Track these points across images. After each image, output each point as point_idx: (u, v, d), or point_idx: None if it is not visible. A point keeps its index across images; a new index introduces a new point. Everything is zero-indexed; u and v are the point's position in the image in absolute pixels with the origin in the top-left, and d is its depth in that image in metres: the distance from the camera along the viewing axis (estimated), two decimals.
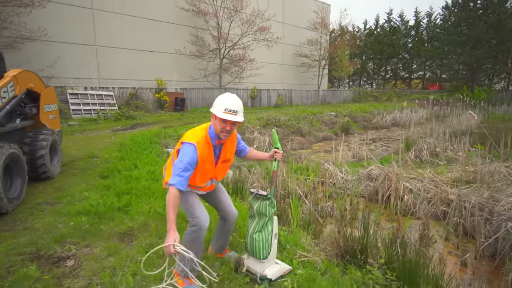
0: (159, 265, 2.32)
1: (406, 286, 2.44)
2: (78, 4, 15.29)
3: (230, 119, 2.05)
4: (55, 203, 3.79)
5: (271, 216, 2.29)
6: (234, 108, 2.07)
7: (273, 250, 2.30)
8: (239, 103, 2.14)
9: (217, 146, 2.24)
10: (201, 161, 2.10)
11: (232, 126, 2.11)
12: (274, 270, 2.29)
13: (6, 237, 2.91)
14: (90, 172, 5.15)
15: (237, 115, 2.09)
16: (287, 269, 2.38)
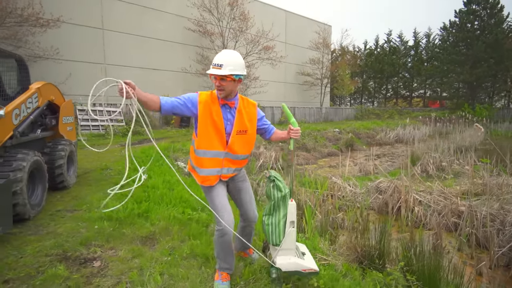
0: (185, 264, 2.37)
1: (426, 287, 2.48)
2: (90, 25, 15.87)
3: (213, 72, 1.97)
4: (75, 210, 3.87)
5: (277, 200, 2.17)
6: (218, 62, 1.97)
7: (288, 239, 2.12)
8: (227, 56, 2.01)
9: (227, 108, 2.13)
10: (203, 108, 2.04)
11: (221, 82, 2.00)
12: (287, 261, 2.10)
13: (32, 241, 2.98)
14: (105, 182, 5.24)
15: (221, 68, 1.96)
16: (307, 267, 2.10)
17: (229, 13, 19.12)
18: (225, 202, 2.16)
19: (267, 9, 25.00)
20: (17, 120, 3.78)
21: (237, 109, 2.15)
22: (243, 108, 2.18)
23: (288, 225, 2.14)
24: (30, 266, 2.52)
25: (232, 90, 2.07)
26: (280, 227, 2.15)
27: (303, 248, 2.35)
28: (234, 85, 2.05)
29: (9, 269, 2.47)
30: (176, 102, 2.07)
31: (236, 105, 2.16)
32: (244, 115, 2.17)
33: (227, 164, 2.17)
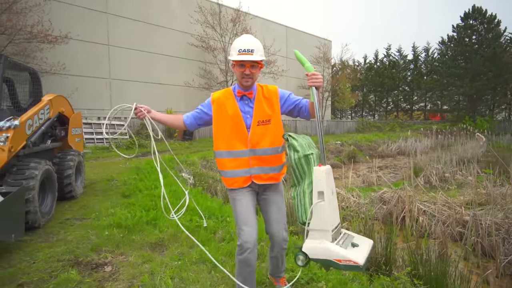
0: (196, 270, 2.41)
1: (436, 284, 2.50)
2: (96, 41, 16.29)
3: (246, 58, 1.78)
4: (83, 218, 3.93)
5: (295, 164, 1.74)
6: (249, 47, 1.80)
7: (316, 216, 1.62)
8: (255, 41, 1.86)
9: (245, 100, 1.93)
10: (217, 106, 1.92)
11: (252, 70, 1.84)
12: (316, 246, 1.59)
13: (43, 247, 3.03)
14: (111, 192, 5.31)
15: (253, 54, 1.80)
16: (344, 257, 1.51)
17: (231, 29, 19.60)
18: (249, 215, 1.88)
19: (269, 25, 25.59)
20: (30, 130, 3.89)
21: (255, 99, 1.92)
22: (262, 96, 1.94)
23: (315, 197, 1.63)
24: (42, 271, 2.57)
25: (256, 78, 1.93)
26: (305, 200, 1.68)
27: (360, 240, 1.71)
28: (259, 70, 1.92)
29: (23, 273, 2.52)
30: (195, 113, 2.04)
31: (254, 95, 1.94)
32: (264, 103, 1.93)
33: (256, 163, 1.89)
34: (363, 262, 1.48)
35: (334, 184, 1.77)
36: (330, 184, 1.70)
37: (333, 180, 1.75)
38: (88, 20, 15.93)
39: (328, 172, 1.67)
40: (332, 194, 1.71)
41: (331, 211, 1.65)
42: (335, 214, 1.70)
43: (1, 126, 3.38)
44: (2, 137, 3.32)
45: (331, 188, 1.70)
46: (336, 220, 1.69)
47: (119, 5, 17.26)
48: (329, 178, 1.68)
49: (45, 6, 12.36)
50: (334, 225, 1.65)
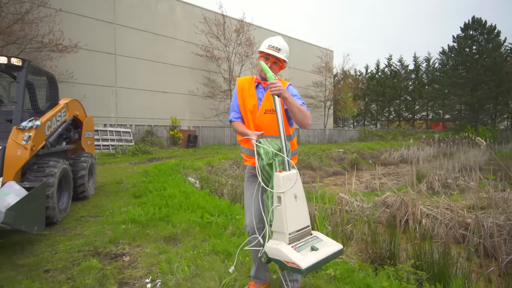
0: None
1: (437, 282, 2.61)
2: (103, 50, 16.70)
3: (272, 53, 2.00)
4: (98, 216, 4.08)
5: (261, 169, 1.86)
6: (277, 46, 2.03)
7: (276, 219, 1.74)
8: (283, 42, 2.08)
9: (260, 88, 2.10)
10: (240, 91, 2.09)
11: (274, 66, 2.04)
12: (273, 247, 1.71)
13: (62, 240, 3.18)
14: (122, 193, 5.46)
15: (280, 52, 2.02)
16: (290, 260, 1.61)
17: (235, 39, 20.01)
18: (251, 203, 2.03)
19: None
20: (49, 131, 4.09)
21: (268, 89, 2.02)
22: None
23: (274, 201, 1.75)
24: (65, 260, 2.72)
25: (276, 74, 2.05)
26: (268, 202, 1.83)
27: (325, 245, 1.79)
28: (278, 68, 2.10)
29: (47, 262, 2.67)
30: (233, 113, 2.16)
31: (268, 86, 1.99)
32: None
33: None
34: (306, 267, 1.57)
35: (301, 189, 1.82)
36: (293, 189, 1.75)
37: (299, 185, 1.80)
38: (96, 30, 16.37)
39: (289, 178, 1.74)
40: (296, 199, 1.77)
41: (292, 215, 1.73)
42: (298, 218, 1.77)
43: (24, 126, 3.57)
44: (25, 136, 3.51)
45: (294, 193, 1.76)
46: (299, 224, 1.77)
47: (126, 16, 17.74)
48: (290, 183, 1.74)
49: (56, 16, 12.77)
50: (296, 228, 1.74)
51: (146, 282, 2.33)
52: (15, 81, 3.92)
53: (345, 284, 2.33)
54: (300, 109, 1.89)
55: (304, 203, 1.84)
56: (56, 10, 13.00)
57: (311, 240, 1.78)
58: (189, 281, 2.32)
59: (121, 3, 17.64)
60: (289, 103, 1.86)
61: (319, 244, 1.76)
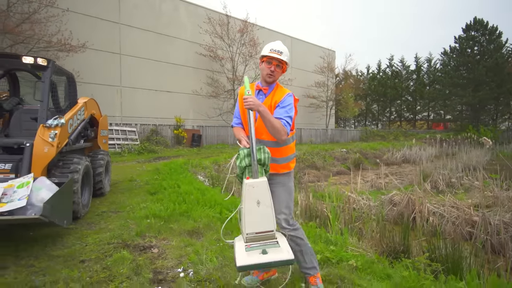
0: None
1: (451, 274, 2.74)
2: (108, 50, 16.82)
3: (275, 56, 2.12)
4: (118, 211, 4.21)
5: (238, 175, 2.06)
6: (279, 49, 2.17)
7: (240, 218, 1.95)
8: (284, 47, 2.21)
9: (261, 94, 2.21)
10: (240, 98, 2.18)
11: (276, 68, 2.15)
12: (234, 241, 1.98)
13: (89, 234, 3.32)
14: (137, 190, 5.59)
15: (282, 55, 2.15)
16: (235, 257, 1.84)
17: (239, 39, 20.14)
18: None
19: (274, 35, 26.15)
20: (71, 129, 4.22)
21: (268, 95, 2.20)
22: (274, 94, 2.19)
23: (240, 204, 1.95)
24: (97, 251, 2.85)
25: (278, 77, 2.22)
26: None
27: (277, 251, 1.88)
28: (280, 72, 2.20)
29: (80, 253, 2.80)
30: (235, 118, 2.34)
31: (269, 92, 2.21)
32: (271, 100, 2.17)
33: None
34: (239, 265, 1.77)
35: (267, 196, 1.93)
36: (256, 196, 1.90)
37: (264, 192, 1.92)
38: (102, 30, 16.50)
39: (252, 185, 1.91)
40: (258, 204, 1.91)
41: (252, 218, 1.90)
42: (259, 221, 1.92)
43: (50, 124, 3.70)
44: (51, 133, 3.63)
45: (257, 199, 1.91)
46: (260, 227, 1.92)
47: (131, 16, 17.86)
48: (254, 190, 1.90)
49: (63, 16, 12.89)
50: (255, 230, 1.91)
51: (179, 271, 2.46)
52: (39, 80, 4.05)
53: (367, 274, 2.46)
54: (273, 125, 1.98)
55: (268, 209, 1.94)
56: (64, 10, 13.12)
57: (269, 244, 1.91)
58: (219, 270, 2.45)
59: (126, 3, 17.75)
60: (263, 117, 1.97)
61: (273, 249, 1.88)
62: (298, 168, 13.39)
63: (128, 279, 2.33)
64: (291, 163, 2.26)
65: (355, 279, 2.33)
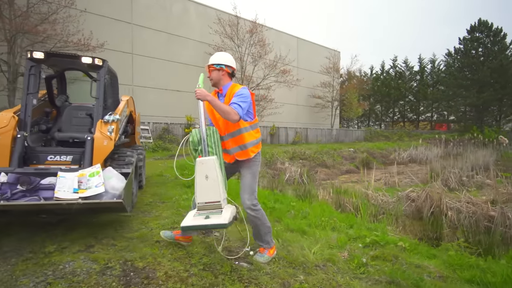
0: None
1: (489, 255, 3.03)
2: (121, 49, 17.13)
3: (207, 64, 2.60)
4: (164, 201, 4.50)
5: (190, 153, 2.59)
6: (212, 62, 2.57)
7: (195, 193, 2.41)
8: (217, 57, 2.57)
9: (220, 96, 2.59)
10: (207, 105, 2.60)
11: (213, 73, 2.55)
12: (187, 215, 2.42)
13: (148, 220, 3.60)
14: (171, 184, 5.88)
15: (210, 61, 2.58)
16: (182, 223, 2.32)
17: (248, 40, 20.43)
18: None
19: (281, 36, 26.49)
20: (120, 125, 4.51)
21: (225, 95, 2.55)
22: (231, 91, 2.53)
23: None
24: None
25: (218, 79, 2.56)
26: None
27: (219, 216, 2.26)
28: (218, 74, 2.55)
29: (150, 235, 3.08)
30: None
31: (224, 92, 2.56)
32: (229, 97, 2.51)
33: (231, 144, 2.56)
34: (182, 225, 2.27)
35: (214, 172, 2.30)
36: (205, 171, 2.30)
37: (211, 168, 2.30)
38: (115, 30, 16.80)
39: (201, 162, 2.33)
40: (207, 178, 2.29)
41: (202, 190, 2.30)
42: (208, 193, 2.29)
43: (108, 119, 3.99)
44: (109, 128, 3.92)
45: (205, 174, 2.30)
46: (208, 197, 2.29)
47: (143, 16, 18.16)
48: (203, 166, 2.31)
49: (81, 17, 13.20)
50: (204, 200, 2.30)
51: (247, 250, 2.75)
52: (93, 79, 4.34)
53: (415, 254, 2.76)
54: (222, 109, 2.34)
55: (215, 183, 2.30)
56: (81, 10, 13.42)
57: (213, 212, 2.29)
58: (284, 249, 2.74)
59: (138, 3, 18.06)
60: (212, 105, 2.36)
61: (215, 216, 2.26)
62: (309, 166, 13.68)
63: (205, 256, 2.62)
64: (254, 148, 2.57)
65: (406, 258, 2.61)
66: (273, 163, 12.43)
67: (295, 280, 2.22)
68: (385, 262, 2.56)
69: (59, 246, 2.68)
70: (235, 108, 2.35)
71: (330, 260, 2.56)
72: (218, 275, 2.27)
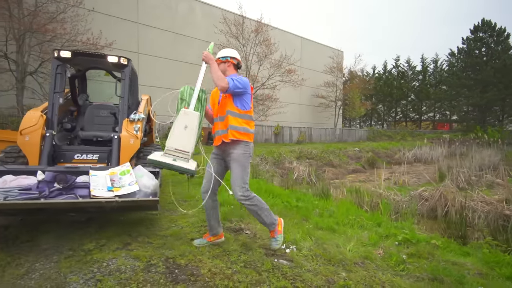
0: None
1: None
2: (128, 49, 17.16)
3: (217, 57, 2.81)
4: (186, 200, 4.53)
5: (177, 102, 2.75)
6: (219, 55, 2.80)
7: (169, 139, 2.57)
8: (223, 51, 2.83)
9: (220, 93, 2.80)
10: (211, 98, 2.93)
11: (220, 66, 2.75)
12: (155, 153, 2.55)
13: (176, 218, 3.63)
14: (185, 183, 5.89)
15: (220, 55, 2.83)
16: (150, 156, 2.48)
17: (253, 39, 20.44)
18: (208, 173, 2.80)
19: (285, 35, 26.50)
20: (143, 123, 4.54)
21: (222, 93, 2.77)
22: None
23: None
24: (195, 233, 3.16)
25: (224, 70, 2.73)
26: None
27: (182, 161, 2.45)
28: (224, 66, 2.75)
29: (184, 234, 3.11)
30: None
31: None
32: None
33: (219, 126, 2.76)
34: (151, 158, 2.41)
35: (194, 125, 2.47)
36: (185, 121, 2.46)
37: (193, 121, 2.47)
38: (121, 29, 16.83)
39: (186, 113, 2.49)
40: (185, 128, 2.46)
41: (177, 137, 2.44)
42: (180, 141, 2.44)
43: (133, 118, 4.02)
44: (136, 127, 3.95)
45: (185, 124, 2.46)
46: (180, 145, 2.43)
47: (149, 16, 18.20)
48: (186, 116, 2.47)
49: (88, 16, 13.21)
50: (175, 146, 2.43)
51: (283, 248, 2.77)
52: (117, 79, 4.37)
53: (448, 252, 2.78)
54: (217, 75, 2.52)
55: (191, 135, 2.46)
56: (89, 10, 13.44)
57: (180, 158, 2.45)
58: (320, 247, 2.77)
59: (144, 3, 18.09)
60: (212, 68, 2.56)
61: (182, 161, 2.44)
62: (316, 166, 13.71)
63: (243, 253, 2.65)
64: (236, 132, 2.65)
65: (441, 255, 2.64)
66: (281, 163, 12.46)
67: (338, 277, 2.25)
68: (421, 259, 2.59)
69: (97, 244, 2.70)
70: (228, 80, 2.54)
71: (367, 258, 2.59)
72: (261, 272, 2.30)
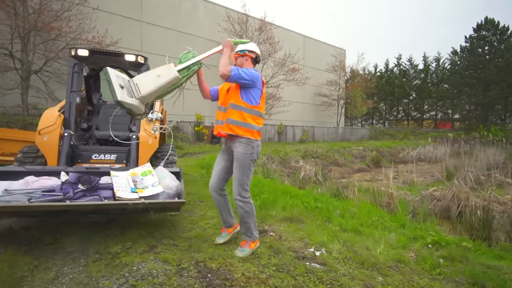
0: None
1: None
2: (131, 47, 16.98)
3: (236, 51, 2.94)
4: (203, 201, 4.47)
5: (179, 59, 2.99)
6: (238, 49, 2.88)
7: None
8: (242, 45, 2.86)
9: None
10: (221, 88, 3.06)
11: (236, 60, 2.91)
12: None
13: (196, 220, 3.57)
14: (200, 183, 5.86)
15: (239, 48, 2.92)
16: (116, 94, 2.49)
17: (257, 38, 20.35)
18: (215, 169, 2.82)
19: (288, 34, 26.39)
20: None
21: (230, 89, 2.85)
22: None
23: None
24: (218, 234, 3.10)
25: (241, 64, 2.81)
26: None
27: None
28: (241, 59, 2.82)
29: (206, 235, 3.05)
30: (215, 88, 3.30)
31: None
32: None
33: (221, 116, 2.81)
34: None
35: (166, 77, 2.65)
36: (163, 73, 2.64)
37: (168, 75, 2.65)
38: (125, 28, 16.72)
39: (169, 67, 2.70)
40: (157, 76, 2.64)
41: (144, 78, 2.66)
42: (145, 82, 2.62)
43: (151, 118, 3.96)
44: (154, 126, 3.90)
45: (160, 73, 2.65)
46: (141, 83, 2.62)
47: (152, 14, 18.10)
48: (167, 71, 2.67)
49: (93, 14, 13.12)
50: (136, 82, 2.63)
51: (312, 251, 2.72)
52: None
53: (480, 254, 2.73)
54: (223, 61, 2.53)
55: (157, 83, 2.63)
56: (94, 8, 13.34)
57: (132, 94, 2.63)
58: (350, 250, 2.71)
59: (148, 1, 17.98)
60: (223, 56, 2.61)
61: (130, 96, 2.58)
62: (322, 165, 13.65)
63: (273, 256, 2.59)
64: (247, 131, 2.60)
65: (475, 258, 2.59)
66: (287, 162, 12.41)
67: (376, 282, 2.20)
68: (455, 262, 2.54)
69: (123, 246, 2.65)
70: (232, 68, 2.51)
71: (400, 261, 2.54)
72: (295, 276, 2.25)
